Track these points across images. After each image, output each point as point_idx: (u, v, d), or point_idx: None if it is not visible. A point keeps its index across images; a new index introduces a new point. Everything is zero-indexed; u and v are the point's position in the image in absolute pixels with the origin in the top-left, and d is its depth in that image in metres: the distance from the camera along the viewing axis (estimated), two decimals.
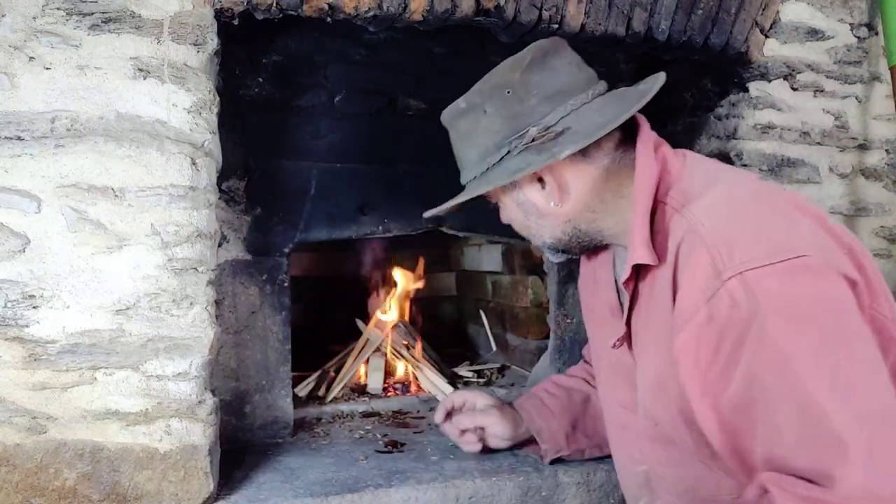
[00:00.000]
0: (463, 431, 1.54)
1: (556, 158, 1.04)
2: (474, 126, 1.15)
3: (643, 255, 1.00)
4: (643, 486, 1.19)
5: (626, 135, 1.12)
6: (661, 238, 1.00)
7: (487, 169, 1.14)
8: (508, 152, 1.11)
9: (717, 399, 0.89)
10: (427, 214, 1.26)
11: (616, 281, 1.22)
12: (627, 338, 1.14)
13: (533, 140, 1.07)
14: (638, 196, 1.04)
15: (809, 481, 0.80)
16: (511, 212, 1.20)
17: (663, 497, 1.14)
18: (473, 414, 1.54)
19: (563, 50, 1.15)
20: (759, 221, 0.91)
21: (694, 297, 0.89)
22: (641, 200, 1.03)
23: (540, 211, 1.15)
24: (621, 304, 1.20)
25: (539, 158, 1.06)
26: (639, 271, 1.06)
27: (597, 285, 1.29)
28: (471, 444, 1.54)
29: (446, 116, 1.22)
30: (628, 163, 1.09)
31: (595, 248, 1.23)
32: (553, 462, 1.50)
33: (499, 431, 1.51)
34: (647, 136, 1.10)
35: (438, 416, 1.57)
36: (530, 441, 1.52)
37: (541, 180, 1.12)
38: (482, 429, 1.52)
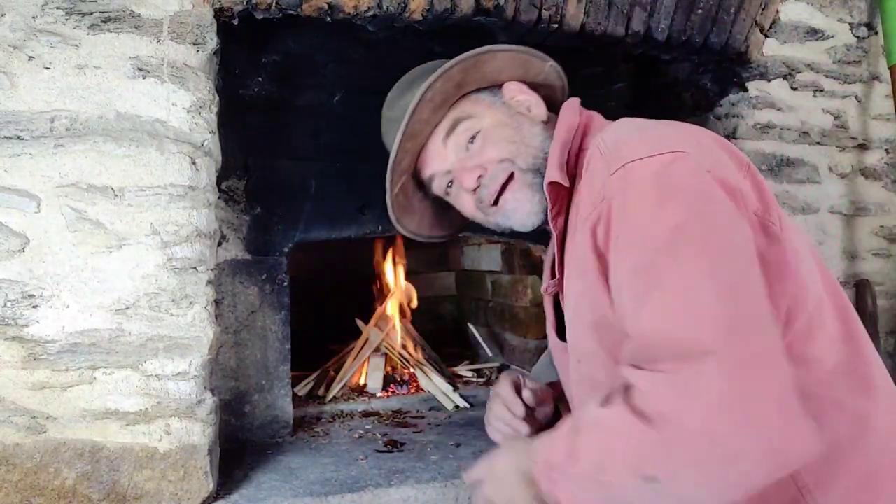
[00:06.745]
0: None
1: None
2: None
3: (554, 175, 1.02)
4: None
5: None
6: (580, 171, 1.02)
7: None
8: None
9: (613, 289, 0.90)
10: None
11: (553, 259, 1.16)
12: (560, 285, 1.08)
13: None
14: (559, 130, 1.07)
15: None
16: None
17: None
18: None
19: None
20: (651, 130, 0.95)
21: (591, 198, 0.92)
22: (560, 134, 1.06)
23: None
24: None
25: None
26: (566, 216, 1.05)
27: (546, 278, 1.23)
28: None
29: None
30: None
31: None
32: None
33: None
34: (573, 101, 1.14)
35: (519, 409, 1.17)
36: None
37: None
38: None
